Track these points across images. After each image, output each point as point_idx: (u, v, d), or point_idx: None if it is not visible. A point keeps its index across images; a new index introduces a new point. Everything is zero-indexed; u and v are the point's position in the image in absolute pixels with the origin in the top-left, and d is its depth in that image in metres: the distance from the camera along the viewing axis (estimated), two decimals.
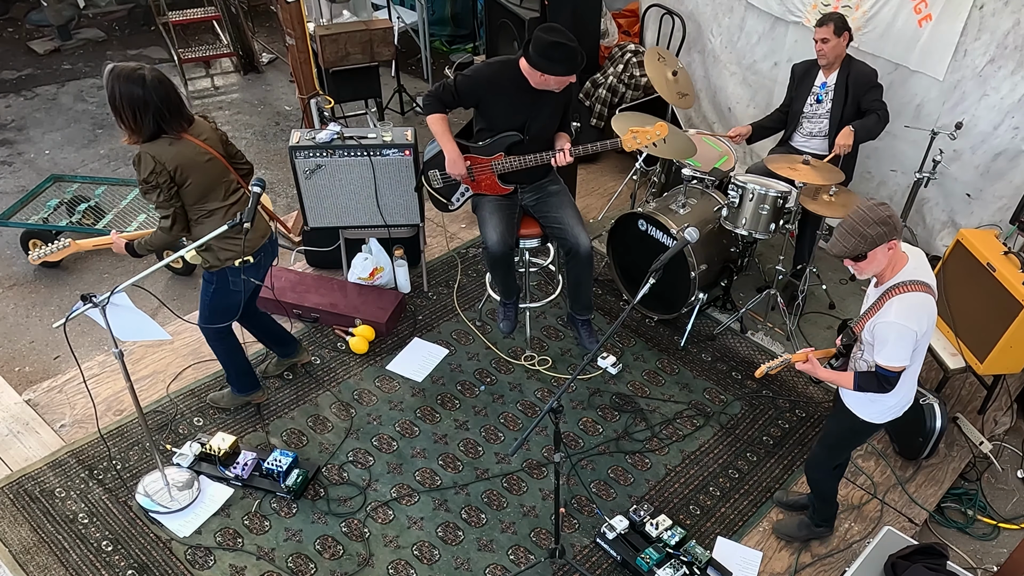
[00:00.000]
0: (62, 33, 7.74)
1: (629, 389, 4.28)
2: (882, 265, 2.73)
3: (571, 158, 3.84)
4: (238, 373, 3.93)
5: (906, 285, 2.71)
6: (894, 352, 2.71)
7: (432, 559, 3.46)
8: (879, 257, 2.69)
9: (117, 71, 3.07)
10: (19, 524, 3.50)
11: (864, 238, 2.64)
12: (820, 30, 4.34)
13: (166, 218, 3.27)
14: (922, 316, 2.70)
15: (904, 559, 3.11)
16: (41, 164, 6.13)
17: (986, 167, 4.67)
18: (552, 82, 3.68)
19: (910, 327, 2.68)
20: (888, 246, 2.67)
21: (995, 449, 4.13)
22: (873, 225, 2.62)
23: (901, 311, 2.68)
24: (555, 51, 3.57)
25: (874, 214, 2.63)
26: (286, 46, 4.91)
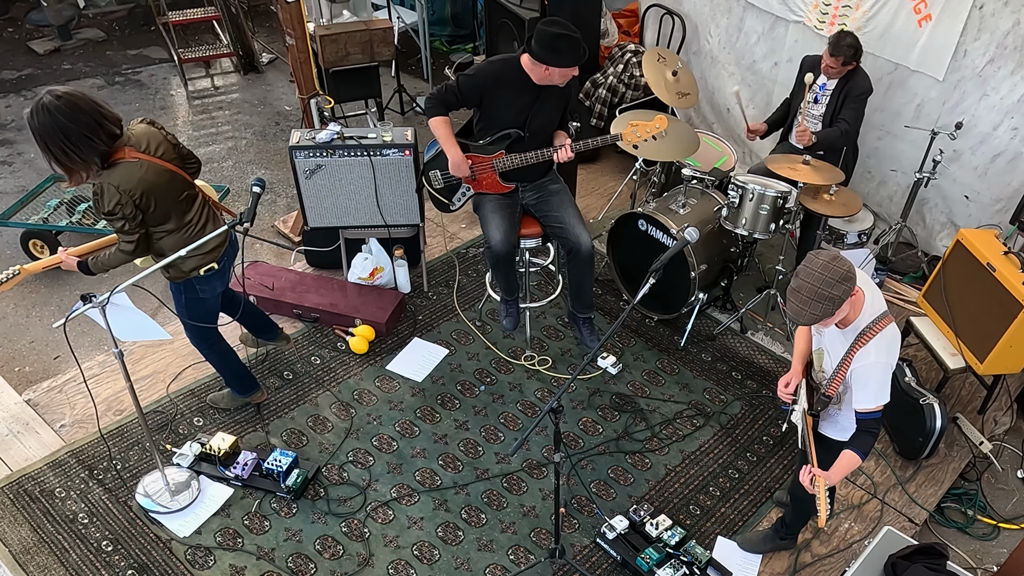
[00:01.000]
0: (62, 33, 7.73)
1: (629, 389, 4.28)
2: (844, 313, 2.60)
3: (572, 153, 3.84)
4: (235, 376, 3.93)
5: (877, 324, 2.63)
6: (879, 391, 2.64)
7: (432, 559, 3.46)
8: (844, 308, 2.55)
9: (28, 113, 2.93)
10: (19, 524, 3.50)
11: (832, 301, 2.49)
12: (831, 59, 4.37)
13: (129, 243, 3.14)
14: (895, 348, 2.65)
15: (904, 559, 3.11)
16: (41, 164, 6.13)
17: (985, 168, 4.68)
18: (556, 75, 3.68)
19: (890, 363, 2.63)
20: (852, 295, 2.54)
21: (995, 449, 4.13)
22: (837, 284, 2.48)
23: (881, 350, 2.61)
24: (559, 42, 3.58)
25: (833, 274, 2.48)
26: (286, 46, 4.91)
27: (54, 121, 2.95)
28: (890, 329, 2.65)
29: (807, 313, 2.53)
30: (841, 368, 2.73)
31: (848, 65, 4.37)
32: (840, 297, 2.50)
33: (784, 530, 3.45)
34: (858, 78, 4.46)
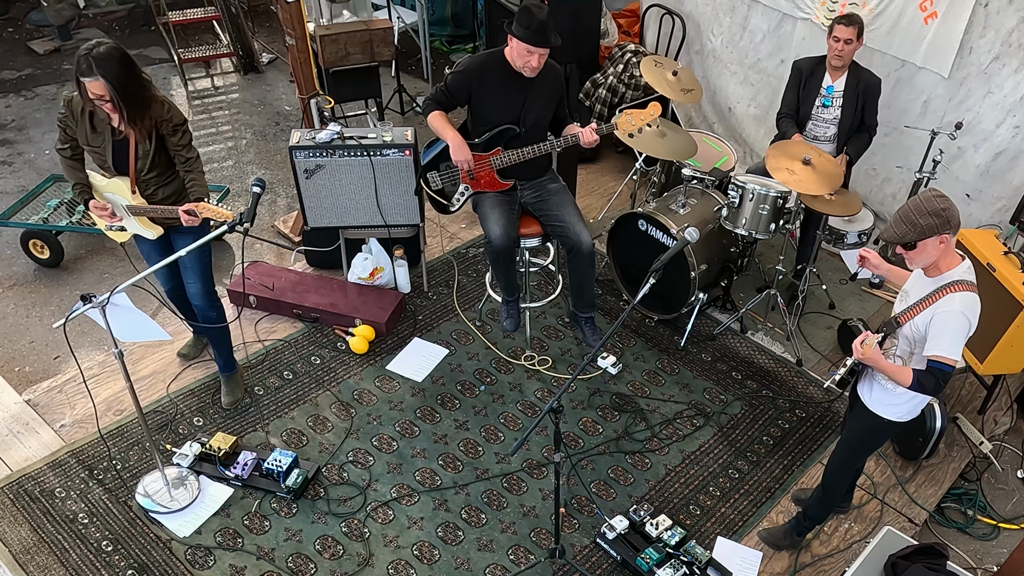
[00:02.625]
0: (62, 33, 7.73)
1: (629, 389, 4.28)
2: (932, 257, 2.68)
3: (597, 136, 3.82)
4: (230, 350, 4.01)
5: (967, 284, 2.67)
6: (953, 343, 2.65)
7: (432, 559, 3.46)
8: (929, 249, 2.64)
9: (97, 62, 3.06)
10: (19, 524, 3.50)
11: (914, 227, 2.60)
12: (847, 29, 4.26)
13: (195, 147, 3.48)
14: (976, 313, 2.67)
15: (904, 559, 3.11)
16: (41, 164, 6.13)
17: (987, 166, 4.68)
18: (520, 61, 3.69)
19: (971, 320, 2.65)
20: (940, 239, 2.62)
21: (995, 449, 4.13)
22: (925, 215, 2.58)
23: (965, 303, 2.64)
24: (522, 16, 3.62)
25: (929, 204, 2.59)
26: (286, 46, 4.91)
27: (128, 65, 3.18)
28: (975, 295, 2.67)
29: (891, 230, 2.68)
30: (920, 303, 2.75)
31: (860, 39, 4.31)
32: (923, 227, 2.59)
33: (807, 522, 3.46)
34: (867, 73, 4.43)
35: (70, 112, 3.36)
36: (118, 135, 3.37)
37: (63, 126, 3.43)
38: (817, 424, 4.12)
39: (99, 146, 3.40)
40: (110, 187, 3.52)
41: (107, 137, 3.38)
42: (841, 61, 4.37)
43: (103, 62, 3.08)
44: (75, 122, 3.37)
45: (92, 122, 3.35)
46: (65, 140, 3.47)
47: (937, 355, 2.68)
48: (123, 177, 3.46)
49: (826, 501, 3.38)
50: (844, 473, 3.29)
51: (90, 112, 3.32)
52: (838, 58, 4.36)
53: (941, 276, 2.73)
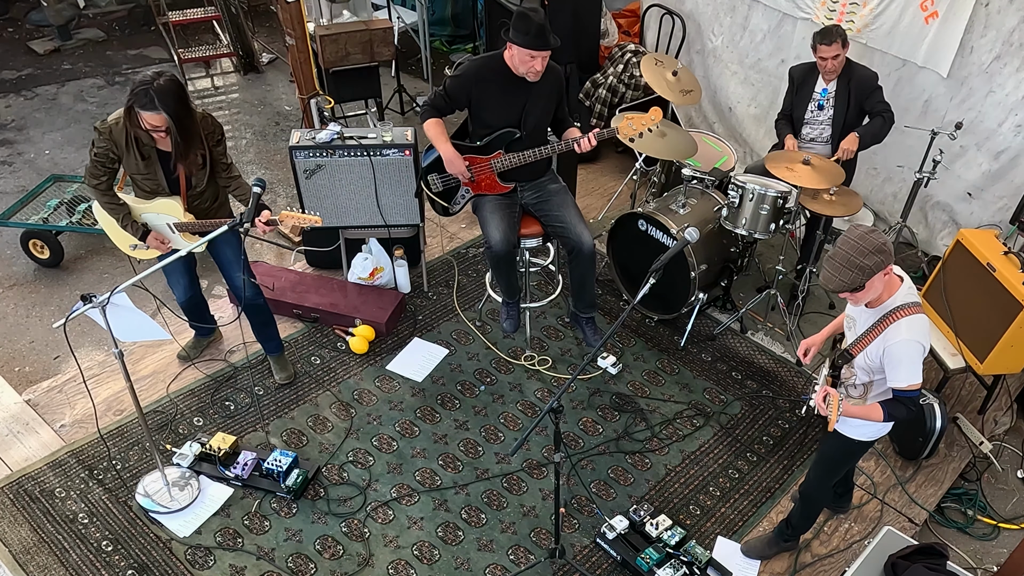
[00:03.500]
0: (62, 33, 7.73)
1: (629, 389, 4.28)
2: (879, 291, 2.66)
3: (595, 141, 3.81)
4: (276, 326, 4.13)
5: (909, 308, 2.67)
6: (910, 370, 2.66)
7: (432, 559, 3.46)
8: (876, 285, 2.61)
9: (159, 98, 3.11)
10: (19, 524, 3.50)
11: (862, 269, 2.54)
12: (829, 48, 4.28)
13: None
14: (927, 333, 2.68)
15: (904, 559, 3.11)
16: (41, 164, 6.13)
17: (988, 165, 4.68)
18: (519, 63, 3.68)
19: (923, 343, 2.65)
20: (884, 272, 2.60)
21: (995, 449, 4.13)
22: (870, 255, 2.53)
23: (912, 329, 2.64)
24: (519, 22, 3.61)
25: (868, 243, 2.54)
26: (286, 46, 4.91)
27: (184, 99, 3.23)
28: (921, 316, 2.68)
29: (837, 279, 2.58)
30: (865, 337, 2.75)
31: (844, 47, 4.32)
32: (871, 268, 2.54)
33: (789, 531, 3.44)
34: (858, 69, 4.44)
35: (112, 142, 3.31)
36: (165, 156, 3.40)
37: (101, 159, 3.35)
38: (817, 424, 4.12)
39: (150, 171, 3.41)
40: (155, 208, 3.51)
41: (154, 159, 3.39)
42: (834, 75, 4.42)
43: (165, 96, 3.11)
44: (121, 150, 3.34)
45: (138, 146, 3.34)
46: (102, 173, 3.40)
47: (900, 386, 2.71)
48: (171, 197, 3.49)
49: (807, 513, 3.37)
50: (822, 489, 3.28)
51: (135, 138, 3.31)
52: (830, 73, 4.41)
53: (882, 306, 2.71)
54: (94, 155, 3.35)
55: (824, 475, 3.22)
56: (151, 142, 3.34)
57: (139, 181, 3.45)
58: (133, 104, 3.14)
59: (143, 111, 3.13)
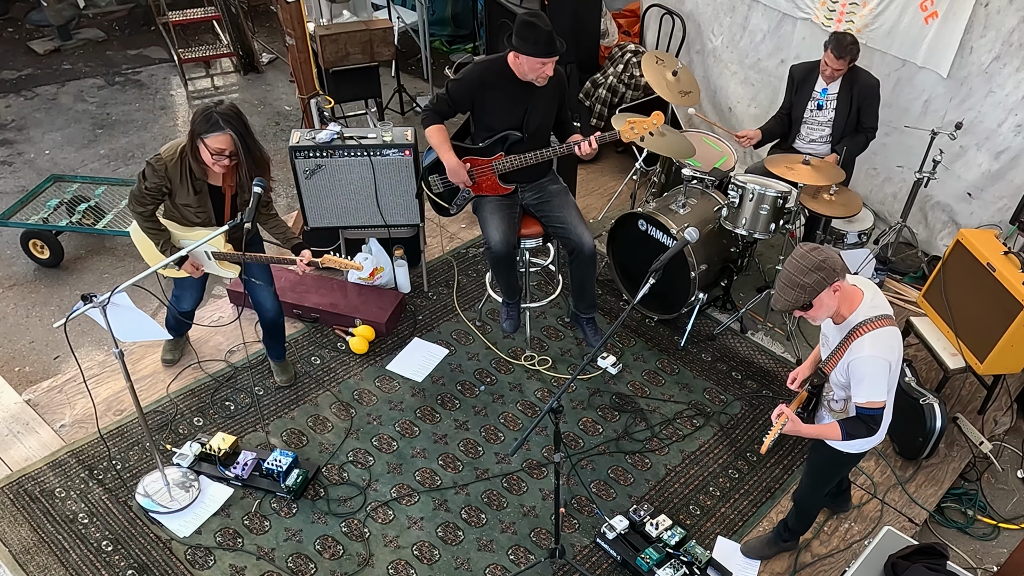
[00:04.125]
0: (62, 33, 7.73)
1: (629, 389, 4.28)
2: (832, 308, 2.65)
3: (596, 145, 3.80)
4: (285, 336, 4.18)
5: (872, 322, 2.65)
6: (872, 387, 2.66)
7: (432, 559, 3.46)
8: (826, 302, 2.61)
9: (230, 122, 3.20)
10: (19, 524, 3.50)
11: (803, 288, 2.57)
12: (837, 61, 4.31)
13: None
14: (894, 347, 2.67)
15: (904, 559, 3.11)
16: (41, 164, 6.13)
17: (988, 165, 4.68)
18: (527, 70, 3.68)
19: (885, 358, 2.64)
20: (832, 288, 2.59)
21: (995, 449, 4.13)
22: (808, 273, 2.55)
23: (875, 345, 2.63)
24: (527, 31, 3.59)
25: (807, 262, 2.56)
26: (286, 46, 4.91)
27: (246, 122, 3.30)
28: (888, 329, 2.66)
29: (781, 299, 2.64)
30: (836, 354, 2.76)
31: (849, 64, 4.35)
32: (811, 286, 2.56)
33: (787, 533, 3.44)
34: (863, 75, 4.45)
35: (167, 178, 3.35)
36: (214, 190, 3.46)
37: (153, 192, 3.39)
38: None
39: (201, 205, 3.46)
40: (195, 236, 3.53)
41: (206, 193, 3.44)
42: (831, 79, 4.44)
43: (228, 118, 3.18)
44: (175, 186, 3.38)
45: (192, 181, 3.38)
46: (149, 202, 3.43)
47: (860, 402, 2.70)
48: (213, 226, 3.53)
49: (802, 517, 3.38)
50: (815, 497, 3.28)
51: (189, 169, 3.34)
52: (828, 77, 4.44)
53: (846, 322, 2.71)
54: (145, 188, 3.38)
55: (814, 484, 3.22)
56: (203, 176, 3.39)
57: (190, 214, 3.49)
58: (198, 132, 3.19)
59: (209, 134, 3.17)
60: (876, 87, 4.45)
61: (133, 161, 6.18)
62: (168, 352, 4.29)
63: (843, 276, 2.62)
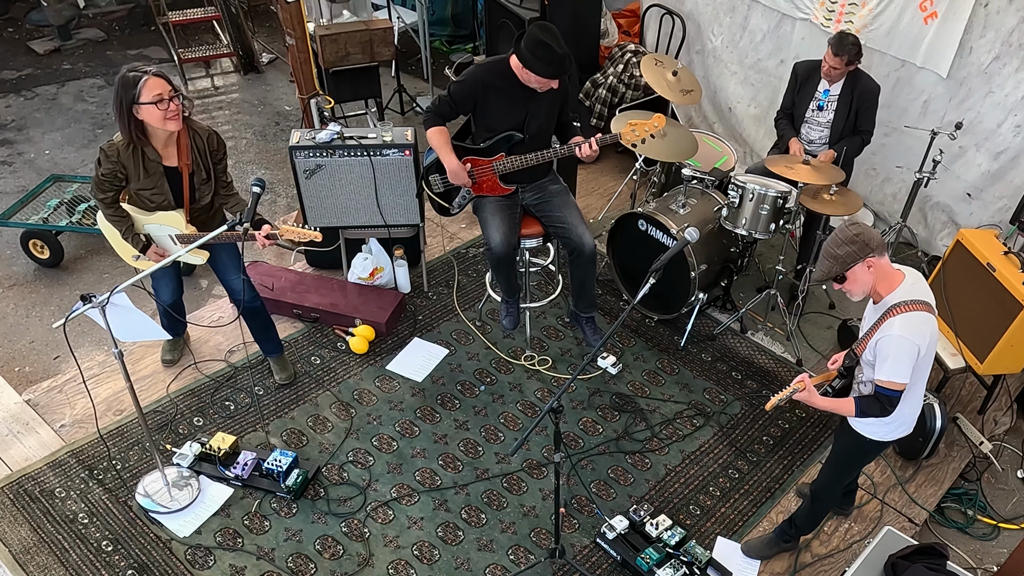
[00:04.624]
0: (62, 33, 7.73)
1: (629, 389, 4.28)
2: (867, 284, 2.70)
3: (597, 148, 3.79)
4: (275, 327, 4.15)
5: (908, 304, 2.68)
6: (895, 367, 2.66)
7: (432, 559, 3.46)
8: (860, 276, 2.68)
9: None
10: (19, 524, 3.50)
11: (836, 259, 2.66)
12: (834, 59, 4.29)
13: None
14: (925, 332, 2.67)
15: (904, 559, 3.11)
16: (41, 164, 6.13)
17: (988, 166, 4.68)
18: (533, 80, 3.68)
19: (914, 341, 2.65)
20: (866, 264, 2.66)
21: (995, 449, 4.13)
22: (842, 245, 2.65)
23: (905, 326, 2.65)
24: (540, 50, 3.58)
25: (843, 235, 2.66)
26: (286, 46, 4.91)
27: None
28: (920, 315, 2.68)
29: (818, 270, 2.76)
30: (868, 334, 2.79)
31: (850, 66, 4.35)
32: (843, 258, 2.65)
33: (792, 531, 3.43)
34: (864, 79, 4.44)
35: (120, 164, 3.33)
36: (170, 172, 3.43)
37: (109, 178, 3.37)
38: (817, 424, 4.12)
39: (155, 186, 3.43)
40: (157, 220, 3.53)
41: (160, 174, 3.41)
42: (830, 78, 4.43)
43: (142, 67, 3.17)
44: (127, 167, 3.36)
45: (144, 164, 3.36)
46: (108, 189, 3.42)
47: (879, 380, 2.71)
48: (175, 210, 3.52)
49: (815, 513, 3.37)
50: (834, 489, 3.28)
51: (141, 153, 3.33)
52: (828, 76, 4.42)
53: (883, 302, 2.75)
54: (100, 175, 3.37)
55: (837, 473, 3.21)
56: (157, 157, 3.37)
57: (146, 197, 3.47)
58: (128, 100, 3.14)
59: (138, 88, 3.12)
60: (876, 92, 4.45)
61: None
62: (167, 352, 4.29)
63: (880, 254, 2.67)
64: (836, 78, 4.42)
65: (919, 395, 2.90)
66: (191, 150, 3.40)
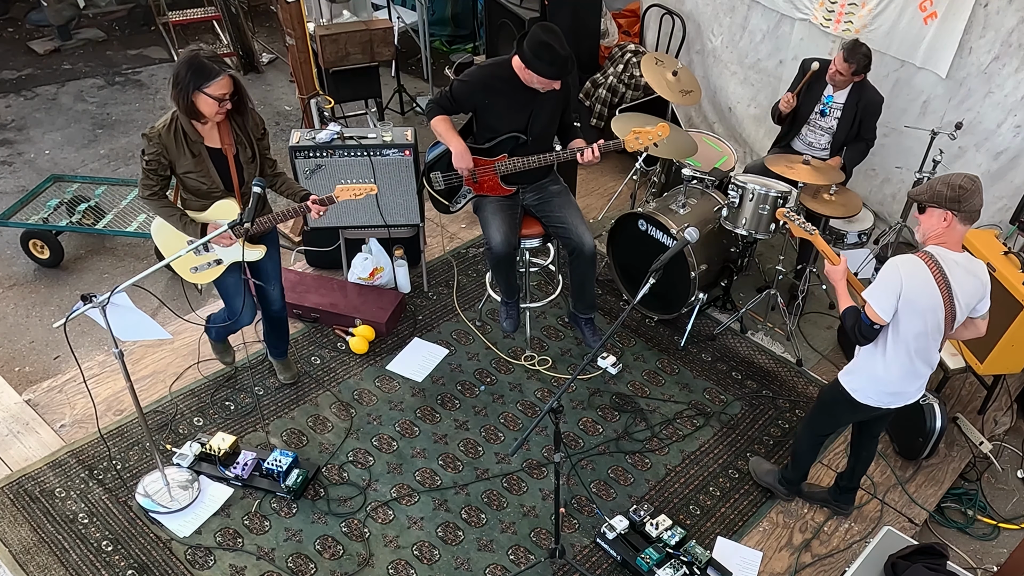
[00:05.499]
0: (62, 33, 7.73)
1: (629, 389, 4.28)
2: (932, 230, 2.80)
3: (599, 153, 3.79)
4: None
5: (923, 253, 2.79)
6: (876, 290, 2.81)
7: (432, 559, 3.46)
8: (933, 220, 2.78)
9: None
10: (19, 524, 3.50)
11: (931, 190, 2.76)
12: (843, 64, 4.28)
13: None
14: (914, 273, 2.76)
15: (904, 559, 3.11)
16: (41, 164, 6.13)
17: (988, 166, 4.68)
18: (535, 81, 3.68)
19: (900, 271, 2.77)
20: (944, 215, 2.74)
21: (995, 449, 4.13)
22: (944, 184, 2.73)
23: (900, 259, 2.79)
24: (543, 51, 3.57)
25: (953, 178, 2.73)
26: (286, 46, 4.91)
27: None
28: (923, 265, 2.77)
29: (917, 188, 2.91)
30: None
31: (856, 76, 4.33)
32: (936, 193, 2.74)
33: (785, 472, 3.65)
34: (870, 91, 4.43)
35: (163, 146, 3.27)
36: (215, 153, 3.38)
37: (154, 166, 3.30)
38: None
39: (202, 169, 3.36)
40: (211, 214, 3.47)
41: (205, 156, 3.35)
42: (834, 83, 4.42)
43: (221, 61, 3.17)
44: (172, 154, 3.30)
45: (188, 144, 3.31)
46: (154, 182, 3.34)
47: (863, 296, 2.88)
48: (225, 199, 3.45)
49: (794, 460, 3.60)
50: (805, 433, 3.47)
51: (183, 134, 3.28)
52: (831, 79, 4.41)
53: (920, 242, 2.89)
54: (146, 163, 3.29)
55: (810, 417, 3.41)
56: (199, 138, 3.32)
57: (194, 180, 3.37)
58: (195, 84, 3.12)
59: (210, 82, 3.12)
60: (879, 105, 4.45)
61: (133, 161, 6.18)
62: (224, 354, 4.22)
63: (963, 218, 2.74)
64: (840, 85, 4.40)
65: (901, 364, 2.95)
66: (231, 129, 3.36)
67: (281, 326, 4.05)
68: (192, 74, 3.13)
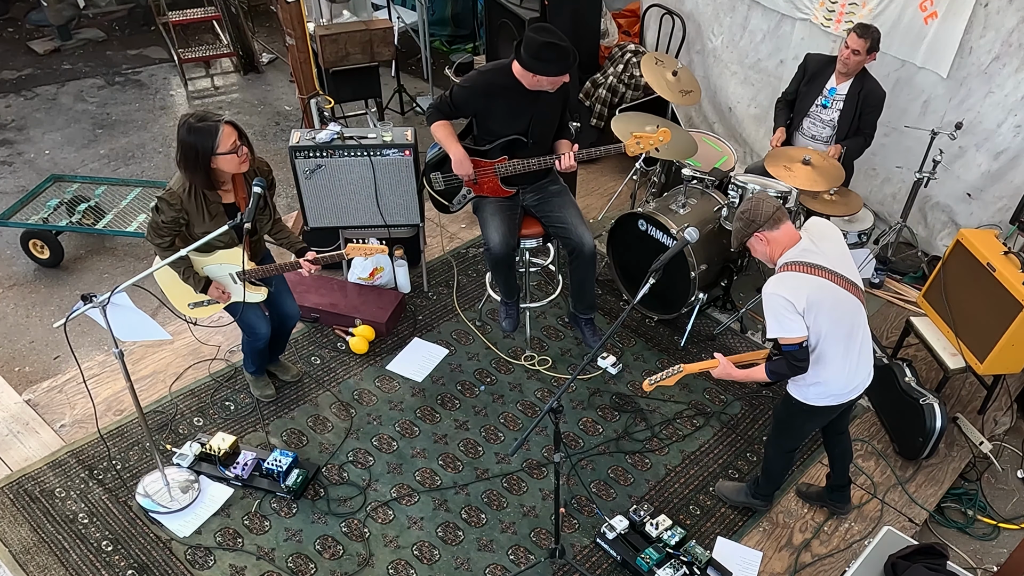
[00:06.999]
0: (62, 33, 7.74)
1: (629, 389, 4.28)
2: (764, 253, 2.92)
3: (574, 162, 3.82)
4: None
5: (785, 266, 2.87)
6: (771, 323, 2.87)
7: (432, 559, 3.46)
8: (757, 246, 2.92)
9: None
10: (19, 524, 3.50)
11: (736, 235, 2.93)
12: (857, 40, 4.26)
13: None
14: (792, 286, 2.81)
15: (904, 559, 3.11)
16: (41, 164, 6.13)
17: (988, 166, 4.68)
18: (545, 83, 3.67)
19: (779, 294, 2.80)
20: (758, 237, 2.87)
21: (995, 449, 4.13)
22: (736, 222, 2.92)
23: (771, 284, 2.85)
24: (547, 51, 3.56)
25: (738, 210, 2.91)
26: (286, 46, 4.91)
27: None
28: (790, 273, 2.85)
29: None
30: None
31: (869, 55, 4.32)
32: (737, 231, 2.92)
33: (757, 488, 3.61)
34: (872, 83, 4.44)
35: (183, 210, 3.26)
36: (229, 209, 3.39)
37: (172, 225, 3.28)
38: None
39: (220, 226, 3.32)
40: (218, 259, 3.48)
41: (221, 213, 3.35)
42: (846, 68, 4.40)
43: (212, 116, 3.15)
44: (193, 216, 3.29)
45: (207, 207, 3.31)
46: (166, 234, 3.32)
47: (770, 337, 2.93)
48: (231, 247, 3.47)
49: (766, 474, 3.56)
50: (774, 449, 3.46)
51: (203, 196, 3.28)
52: (845, 64, 4.40)
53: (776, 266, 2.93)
54: (162, 221, 3.27)
55: (774, 433, 3.43)
56: (217, 199, 3.33)
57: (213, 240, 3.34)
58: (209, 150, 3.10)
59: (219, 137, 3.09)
60: (882, 98, 4.44)
61: (133, 161, 6.19)
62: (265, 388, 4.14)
63: (771, 227, 2.85)
64: (852, 68, 4.37)
65: (840, 357, 2.97)
66: (246, 183, 3.35)
67: (287, 336, 4.10)
68: (198, 141, 3.09)
